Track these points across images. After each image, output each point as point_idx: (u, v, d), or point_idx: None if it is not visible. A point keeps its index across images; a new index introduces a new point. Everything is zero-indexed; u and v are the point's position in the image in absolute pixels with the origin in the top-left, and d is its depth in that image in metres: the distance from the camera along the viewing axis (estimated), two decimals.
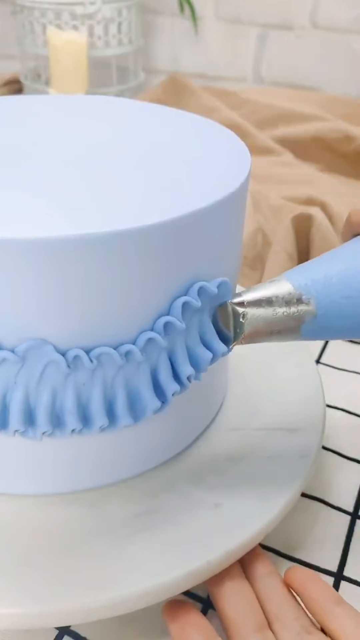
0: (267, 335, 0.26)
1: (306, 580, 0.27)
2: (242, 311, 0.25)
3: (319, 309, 0.25)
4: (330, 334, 0.27)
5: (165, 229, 0.24)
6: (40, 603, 0.24)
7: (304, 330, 0.25)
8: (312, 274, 0.25)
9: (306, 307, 0.25)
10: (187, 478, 0.31)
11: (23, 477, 0.29)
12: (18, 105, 0.35)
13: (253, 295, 0.25)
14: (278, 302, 0.25)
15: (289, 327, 0.25)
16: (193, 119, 0.34)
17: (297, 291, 0.25)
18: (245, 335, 0.26)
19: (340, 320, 0.26)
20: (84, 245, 0.22)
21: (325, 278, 0.25)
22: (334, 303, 0.25)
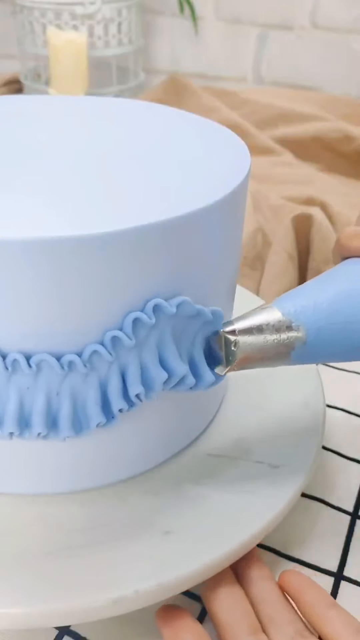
0: (258, 361, 0.26)
1: (301, 584, 0.27)
2: (233, 339, 0.26)
3: (309, 336, 0.26)
4: (320, 359, 0.28)
5: (165, 228, 0.24)
6: (40, 603, 0.24)
7: (294, 356, 0.26)
8: (301, 301, 0.26)
9: (296, 334, 0.25)
10: (186, 477, 0.31)
11: (22, 476, 0.29)
12: (18, 105, 0.35)
13: (244, 324, 0.26)
14: (268, 330, 0.26)
15: (280, 353, 0.26)
16: (193, 118, 0.34)
17: (287, 318, 0.26)
18: (237, 362, 0.26)
19: (330, 346, 0.26)
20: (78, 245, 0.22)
21: (315, 304, 0.26)
22: (323, 329, 0.26)
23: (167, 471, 0.31)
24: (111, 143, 0.30)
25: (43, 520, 0.28)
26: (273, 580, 0.28)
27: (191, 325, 0.26)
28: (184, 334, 0.26)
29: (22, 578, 0.25)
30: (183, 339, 0.27)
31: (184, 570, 0.26)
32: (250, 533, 0.28)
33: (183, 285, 0.26)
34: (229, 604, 0.27)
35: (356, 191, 0.72)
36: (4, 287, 0.23)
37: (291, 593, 0.27)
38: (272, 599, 0.27)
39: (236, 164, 0.29)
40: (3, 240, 0.22)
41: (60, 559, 0.26)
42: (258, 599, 0.27)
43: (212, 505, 0.29)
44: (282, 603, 0.27)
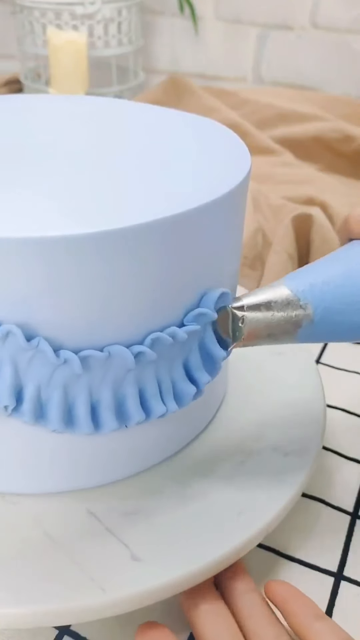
0: (264, 338, 0.26)
1: (287, 595, 0.27)
2: (241, 315, 0.26)
3: (316, 314, 0.26)
4: (326, 338, 0.27)
5: (164, 226, 0.24)
6: (40, 603, 0.24)
7: (301, 334, 0.26)
8: (309, 279, 0.26)
9: (303, 311, 0.25)
10: (186, 477, 0.31)
11: (21, 476, 0.29)
12: (18, 105, 0.35)
13: (252, 300, 0.26)
14: (276, 307, 0.26)
15: (286, 330, 0.26)
16: (192, 119, 0.34)
17: (295, 296, 0.26)
18: (243, 338, 0.26)
19: (337, 325, 0.26)
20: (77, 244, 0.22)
21: (323, 283, 0.26)
22: (330, 308, 0.26)
23: (166, 470, 0.31)
24: (111, 142, 0.30)
25: (43, 520, 0.28)
26: (257, 592, 0.28)
27: None
28: None
29: (22, 578, 0.25)
30: None
31: (185, 569, 0.26)
32: (250, 533, 0.28)
33: (184, 284, 0.26)
34: (212, 618, 0.26)
35: (356, 191, 0.72)
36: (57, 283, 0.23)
37: (277, 604, 0.27)
38: (257, 612, 0.26)
39: (236, 163, 0.29)
40: (48, 237, 0.22)
41: (60, 558, 0.26)
42: (242, 613, 0.27)
43: (212, 505, 0.29)
44: (268, 617, 0.26)
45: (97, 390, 0.26)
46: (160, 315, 0.26)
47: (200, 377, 0.28)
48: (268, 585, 0.27)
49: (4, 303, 0.23)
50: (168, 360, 0.26)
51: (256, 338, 0.26)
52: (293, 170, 0.74)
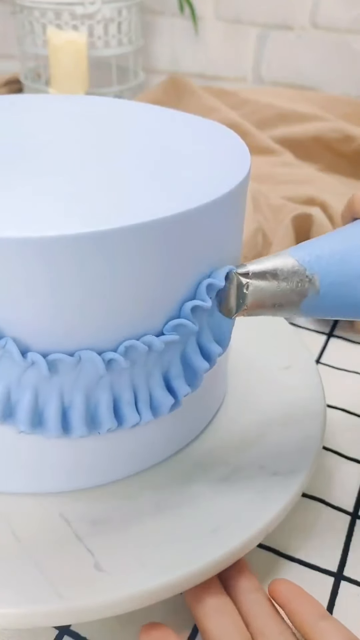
0: (269, 307, 0.26)
1: (291, 593, 0.27)
2: (246, 282, 0.26)
3: (322, 286, 0.25)
4: (330, 311, 0.27)
5: (165, 225, 0.24)
6: (40, 603, 0.24)
7: (305, 306, 0.26)
8: (316, 251, 0.26)
9: (309, 282, 0.25)
10: (186, 476, 0.31)
11: (22, 475, 0.29)
12: (18, 105, 0.35)
13: (258, 267, 0.26)
14: (282, 275, 0.25)
15: (291, 301, 0.26)
16: (192, 119, 0.34)
17: (302, 266, 0.25)
18: (247, 307, 0.26)
19: (341, 298, 0.26)
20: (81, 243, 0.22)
21: (329, 256, 0.26)
22: (336, 281, 0.25)
23: (166, 470, 0.31)
24: (111, 142, 0.30)
25: (43, 520, 0.28)
26: (262, 590, 0.28)
27: None
28: None
29: (22, 578, 0.25)
30: None
31: (186, 569, 0.26)
32: (251, 533, 0.28)
33: (183, 285, 0.26)
34: (219, 617, 0.26)
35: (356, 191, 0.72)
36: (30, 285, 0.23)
37: (281, 603, 0.27)
38: (262, 610, 0.27)
39: (236, 163, 0.29)
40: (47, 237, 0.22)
41: (60, 558, 0.26)
42: (248, 611, 0.27)
43: (212, 505, 0.29)
44: (272, 614, 0.26)
45: (69, 394, 0.25)
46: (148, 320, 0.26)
47: (179, 388, 0.27)
48: (272, 585, 0.27)
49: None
50: (145, 368, 0.26)
51: (260, 307, 0.26)
52: (293, 170, 0.74)
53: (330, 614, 0.29)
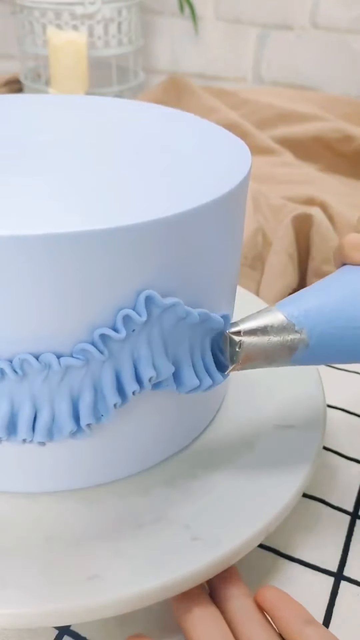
0: (261, 361, 0.27)
1: (277, 600, 0.27)
2: (238, 340, 0.26)
3: (312, 338, 0.26)
4: (322, 361, 0.28)
5: (166, 225, 0.24)
6: (40, 603, 0.24)
7: (296, 357, 0.27)
8: (304, 305, 0.27)
9: (299, 336, 0.26)
10: (186, 477, 0.31)
11: (23, 475, 0.29)
12: (18, 105, 0.35)
13: (249, 325, 0.27)
14: (272, 331, 0.26)
15: (282, 354, 0.27)
16: (192, 119, 0.34)
17: (290, 321, 0.26)
18: (240, 362, 0.27)
19: (332, 348, 0.27)
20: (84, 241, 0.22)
21: (318, 308, 0.27)
22: (325, 332, 0.26)
23: (166, 470, 0.31)
24: (111, 142, 0.30)
25: (44, 520, 0.28)
26: (250, 597, 0.28)
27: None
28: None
29: (22, 577, 0.25)
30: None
31: (186, 569, 0.26)
32: (251, 533, 0.28)
33: (184, 284, 0.26)
34: (205, 625, 0.26)
35: (356, 191, 0.72)
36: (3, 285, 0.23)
37: (268, 610, 0.27)
38: (249, 617, 0.26)
39: (237, 163, 0.29)
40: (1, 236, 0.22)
41: (60, 558, 0.26)
42: (234, 618, 0.27)
43: (212, 505, 0.29)
44: (260, 621, 0.26)
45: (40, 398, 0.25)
46: None
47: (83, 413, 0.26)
48: (259, 592, 0.27)
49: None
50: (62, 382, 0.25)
51: (253, 361, 0.27)
52: (293, 170, 0.74)
53: (327, 614, 0.29)
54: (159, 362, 0.26)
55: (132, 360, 0.25)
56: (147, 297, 0.24)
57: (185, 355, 0.27)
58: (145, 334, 0.25)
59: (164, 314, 0.25)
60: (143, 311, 0.24)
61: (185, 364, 0.27)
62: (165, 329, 0.26)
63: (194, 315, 0.26)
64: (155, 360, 0.26)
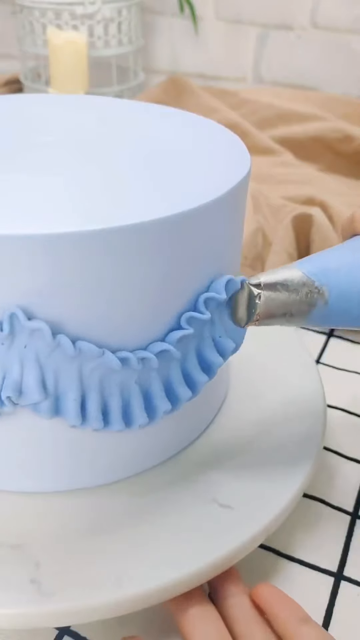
0: (279, 317, 0.27)
1: (273, 598, 0.27)
2: (257, 292, 0.26)
3: (330, 297, 0.26)
4: (337, 321, 0.28)
5: (165, 225, 0.24)
6: (41, 603, 0.24)
7: (314, 315, 0.27)
8: (324, 264, 0.27)
9: (318, 292, 0.26)
10: (187, 478, 0.31)
11: (22, 474, 0.29)
12: (18, 105, 0.35)
13: (269, 278, 0.27)
14: (292, 286, 0.26)
15: (301, 310, 0.27)
16: (193, 118, 0.34)
17: (310, 278, 0.26)
18: (259, 316, 0.27)
19: (349, 309, 0.27)
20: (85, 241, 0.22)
21: (336, 269, 0.27)
22: (344, 292, 0.27)
23: (167, 470, 0.31)
24: (111, 142, 0.30)
25: (44, 520, 0.28)
26: (247, 595, 0.27)
27: None
28: None
29: (23, 578, 0.25)
30: None
31: (187, 570, 0.26)
32: (251, 533, 0.28)
33: (186, 284, 0.26)
34: (201, 624, 0.26)
35: (356, 191, 0.72)
36: None
37: (263, 607, 0.27)
38: (245, 614, 0.26)
39: (236, 163, 0.29)
40: (56, 234, 0.22)
41: (60, 558, 0.26)
42: (232, 616, 0.26)
43: (212, 505, 0.29)
44: (256, 620, 0.26)
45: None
46: (157, 319, 0.26)
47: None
48: (254, 589, 0.27)
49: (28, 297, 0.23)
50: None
51: (271, 317, 0.27)
52: (293, 170, 0.74)
53: (327, 614, 0.29)
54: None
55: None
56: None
57: None
58: None
59: None
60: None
61: None
62: None
63: None
64: None
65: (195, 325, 0.26)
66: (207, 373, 0.28)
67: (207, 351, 0.27)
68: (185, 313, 0.26)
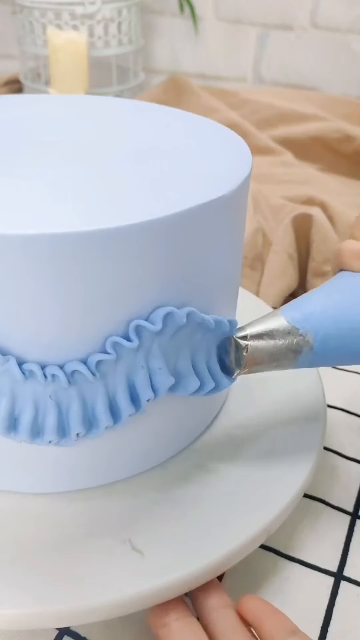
0: (266, 365, 0.27)
1: (259, 611, 0.26)
2: (245, 344, 0.27)
3: (315, 341, 0.27)
4: (326, 363, 0.29)
5: (167, 225, 0.24)
6: (40, 603, 0.24)
7: (301, 360, 0.27)
8: (307, 308, 0.27)
9: (303, 339, 0.27)
10: (187, 477, 0.31)
11: (23, 474, 0.29)
12: (18, 105, 0.35)
13: (255, 329, 0.27)
14: (278, 335, 0.27)
15: (287, 358, 0.27)
16: (193, 118, 0.34)
17: (295, 326, 0.27)
18: (246, 366, 0.27)
19: (336, 351, 0.28)
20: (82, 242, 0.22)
21: (320, 313, 0.27)
22: (329, 335, 0.27)
23: (166, 471, 0.31)
24: (112, 142, 0.30)
25: (44, 520, 0.28)
26: (231, 607, 0.27)
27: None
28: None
29: (23, 578, 0.25)
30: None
31: (187, 570, 0.26)
32: (252, 534, 0.28)
33: (186, 285, 0.26)
34: (182, 634, 0.25)
35: (356, 191, 0.72)
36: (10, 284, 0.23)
37: (251, 621, 0.26)
38: (230, 627, 0.25)
39: (238, 163, 0.29)
40: (3, 235, 0.22)
41: (60, 559, 0.26)
42: (215, 629, 0.25)
43: (212, 505, 0.29)
44: (242, 634, 0.25)
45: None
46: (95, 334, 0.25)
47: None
48: (240, 602, 0.26)
49: None
50: None
51: (259, 365, 0.27)
52: (293, 170, 0.74)
53: (327, 614, 0.29)
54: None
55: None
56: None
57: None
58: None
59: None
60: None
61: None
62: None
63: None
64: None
65: (121, 352, 0.25)
66: (134, 404, 0.26)
67: (138, 382, 0.26)
68: (110, 338, 0.24)
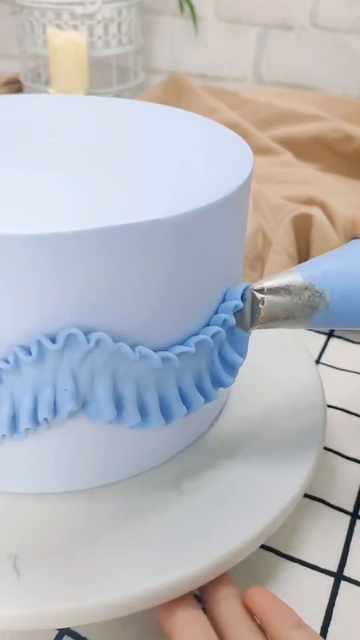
0: (281, 320, 0.28)
1: (265, 603, 0.26)
2: (261, 297, 0.27)
3: (332, 300, 0.27)
4: (340, 323, 0.29)
5: (168, 225, 0.24)
6: (40, 603, 0.24)
7: (316, 318, 0.27)
8: (325, 267, 0.28)
9: (320, 296, 0.27)
10: (187, 477, 0.31)
11: (23, 475, 0.29)
12: (18, 105, 0.35)
13: (272, 283, 0.27)
14: (295, 291, 0.27)
15: (303, 314, 0.27)
16: (194, 118, 0.34)
17: (311, 283, 0.27)
18: (262, 320, 0.27)
19: (350, 311, 0.28)
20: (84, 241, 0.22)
21: (337, 272, 0.27)
22: (345, 295, 0.27)
23: (167, 471, 0.31)
24: (113, 142, 0.30)
25: (44, 520, 0.28)
26: (238, 599, 0.27)
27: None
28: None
29: (23, 578, 0.25)
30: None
31: (187, 570, 0.26)
32: (252, 534, 0.28)
33: (188, 285, 0.26)
34: (191, 630, 0.25)
35: (356, 191, 0.72)
36: None
37: (256, 612, 0.26)
38: (236, 619, 0.26)
39: (239, 163, 0.29)
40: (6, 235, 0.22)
41: (60, 559, 0.26)
42: (222, 620, 0.26)
43: (213, 505, 0.29)
44: (247, 624, 0.26)
45: None
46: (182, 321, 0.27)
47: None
48: (246, 594, 0.27)
49: None
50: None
51: (274, 320, 0.27)
52: (293, 170, 0.74)
53: (327, 614, 0.29)
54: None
55: None
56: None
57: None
58: None
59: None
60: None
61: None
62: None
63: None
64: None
65: (19, 364, 0.25)
66: (32, 420, 0.26)
67: (41, 398, 0.26)
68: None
